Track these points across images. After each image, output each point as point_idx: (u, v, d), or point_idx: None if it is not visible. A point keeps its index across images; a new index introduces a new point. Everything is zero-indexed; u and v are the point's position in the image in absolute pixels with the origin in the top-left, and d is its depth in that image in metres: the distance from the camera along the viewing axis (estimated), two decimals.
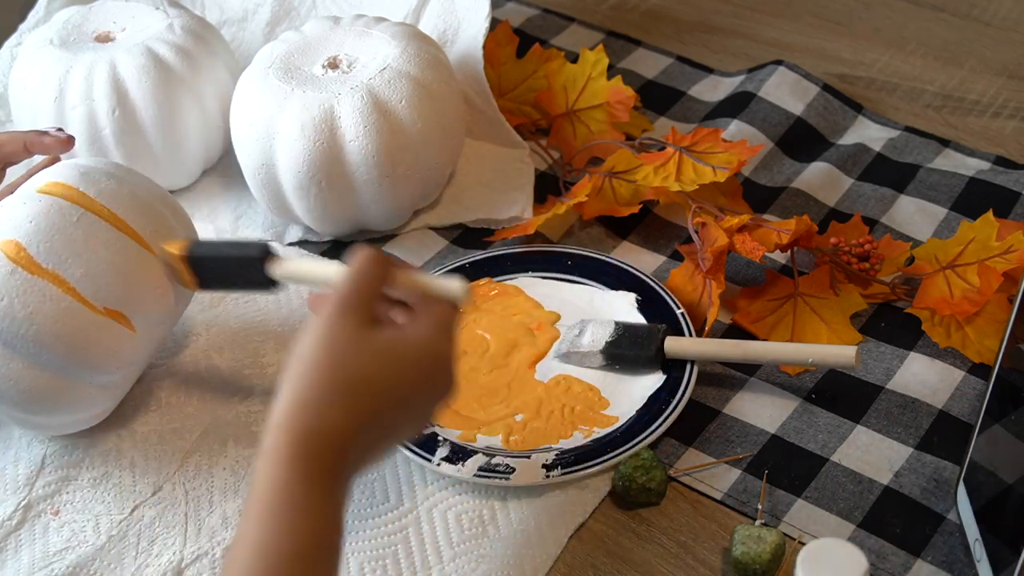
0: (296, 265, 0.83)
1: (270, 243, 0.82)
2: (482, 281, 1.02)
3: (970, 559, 0.80)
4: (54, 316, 0.84)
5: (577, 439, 0.90)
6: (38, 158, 0.96)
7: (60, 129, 0.96)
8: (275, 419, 0.68)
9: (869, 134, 1.15)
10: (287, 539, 0.64)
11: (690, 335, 0.95)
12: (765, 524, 0.83)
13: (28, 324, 0.83)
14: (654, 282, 0.99)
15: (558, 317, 0.99)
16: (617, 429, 0.90)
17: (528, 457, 0.88)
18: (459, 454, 0.89)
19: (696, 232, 0.99)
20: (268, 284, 0.82)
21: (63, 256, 0.84)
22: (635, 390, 0.93)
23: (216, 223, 1.11)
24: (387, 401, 0.70)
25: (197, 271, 0.86)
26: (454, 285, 0.74)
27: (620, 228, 1.07)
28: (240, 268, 0.83)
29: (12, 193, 0.88)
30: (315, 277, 0.81)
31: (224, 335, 1.01)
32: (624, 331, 0.94)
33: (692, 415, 0.91)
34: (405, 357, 0.71)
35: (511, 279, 1.02)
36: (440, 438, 0.90)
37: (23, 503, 0.89)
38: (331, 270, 0.77)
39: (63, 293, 0.84)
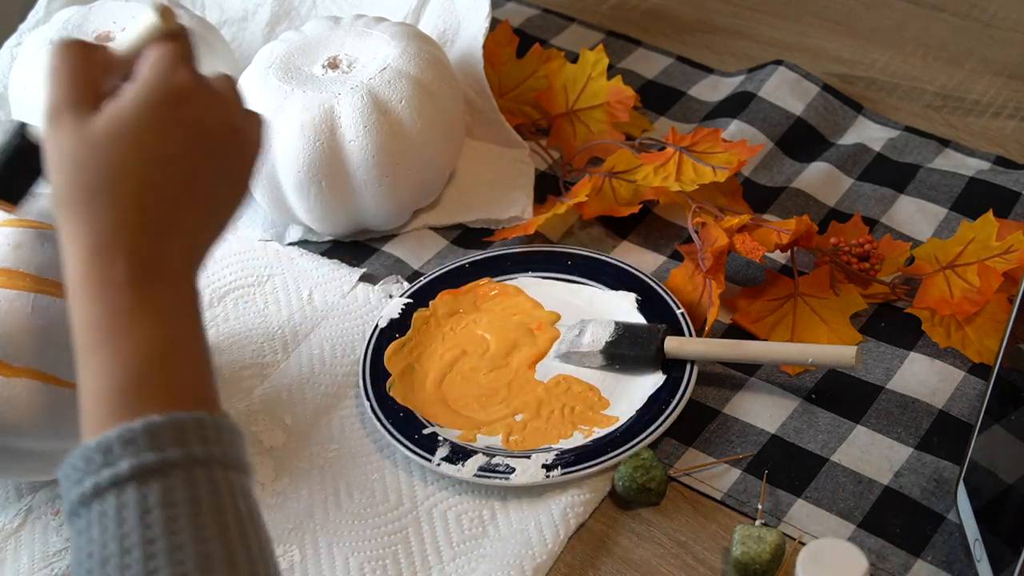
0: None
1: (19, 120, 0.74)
2: (482, 281, 1.02)
3: (970, 559, 0.80)
4: (41, 407, 0.81)
5: (577, 439, 0.90)
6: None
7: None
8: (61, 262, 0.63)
9: (869, 134, 1.15)
10: (117, 373, 0.60)
11: (690, 335, 0.95)
12: (765, 524, 0.83)
13: (15, 427, 0.80)
14: (654, 282, 0.99)
15: (558, 317, 0.99)
16: (617, 429, 0.90)
17: (528, 457, 0.88)
18: (459, 454, 0.89)
19: (696, 232, 0.99)
20: (36, 152, 0.71)
21: (32, 351, 0.81)
22: (635, 390, 0.93)
23: None
24: (150, 177, 0.63)
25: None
26: (148, 14, 0.67)
27: (620, 228, 1.07)
28: (16, 157, 0.74)
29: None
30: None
31: (224, 335, 1.01)
32: (624, 331, 0.94)
33: (692, 415, 0.91)
34: (135, 121, 0.63)
35: (511, 279, 1.02)
36: (440, 438, 0.90)
37: (25, 507, 0.89)
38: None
39: (44, 384, 0.81)
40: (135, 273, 0.62)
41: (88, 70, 0.65)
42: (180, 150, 0.64)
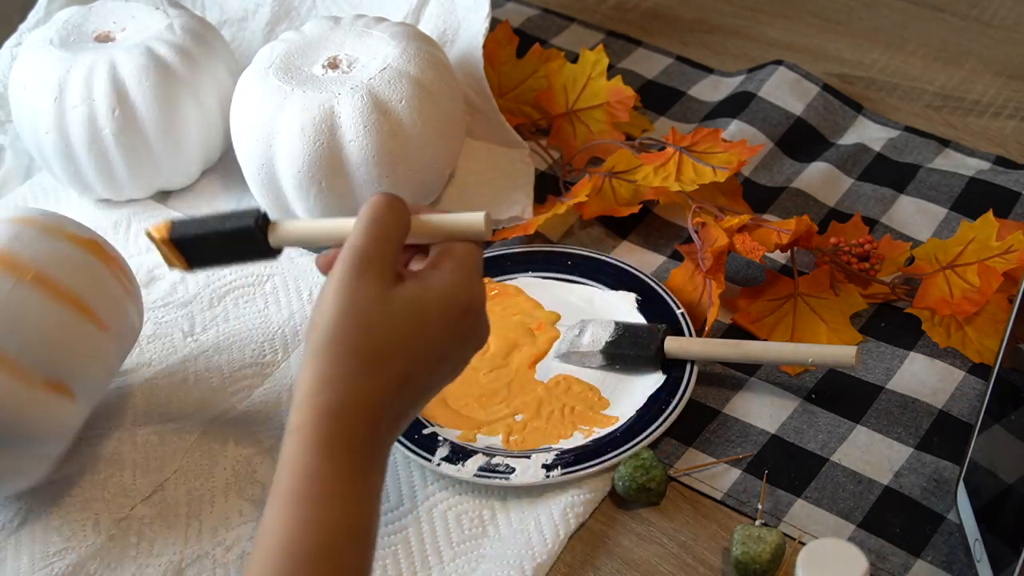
0: (299, 225, 0.74)
1: (261, 209, 0.75)
2: None
3: (970, 559, 0.80)
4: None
5: (577, 439, 0.90)
6: None
7: None
8: (298, 398, 0.63)
9: (869, 134, 1.15)
10: (312, 532, 0.60)
11: (690, 335, 0.95)
12: (765, 524, 0.83)
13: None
14: (654, 282, 0.99)
15: (558, 317, 0.99)
16: (617, 429, 0.90)
17: (528, 457, 0.88)
18: (459, 454, 0.89)
19: (696, 232, 0.99)
20: (269, 253, 0.74)
21: None
22: (635, 390, 0.93)
23: None
24: (418, 362, 0.65)
25: (186, 251, 0.77)
26: (474, 218, 0.68)
27: (620, 228, 1.07)
28: (235, 241, 0.75)
29: None
30: (323, 236, 0.73)
31: (224, 335, 1.01)
32: (624, 331, 0.94)
33: (692, 415, 0.91)
34: (431, 311, 0.65)
35: (511, 279, 1.02)
36: (440, 438, 0.90)
37: (25, 506, 0.89)
38: (340, 225, 0.70)
39: None
40: (368, 444, 0.63)
41: (402, 238, 0.68)
42: (449, 350, 0.68)
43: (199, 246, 0.77)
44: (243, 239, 0.74)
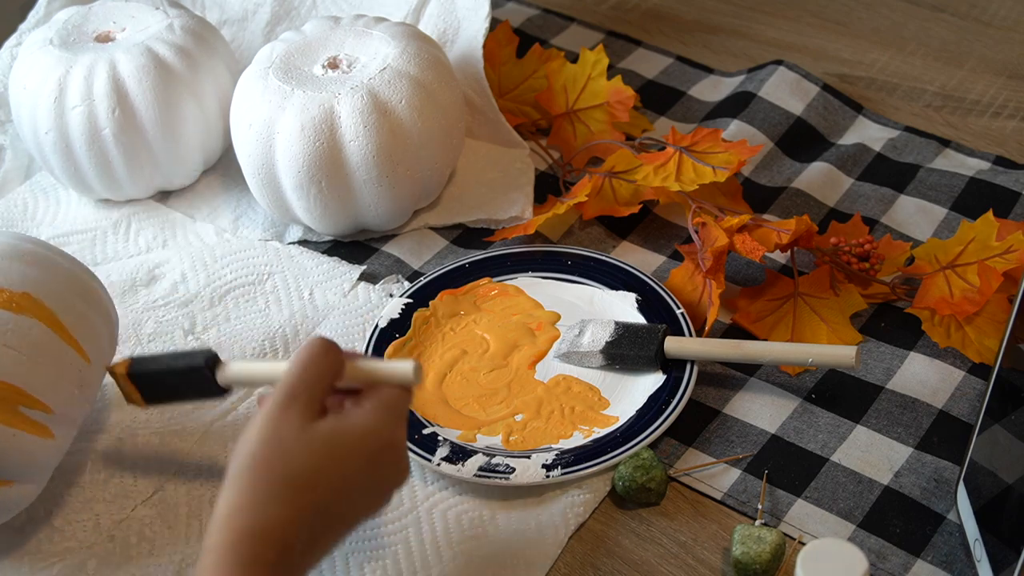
0: (244, 367, 0.81)
1: (212, 350, 0.80)
2: (482, 281, 1.02)
3: (970, 559, 0.80)
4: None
5: (577, 439, 0.90)
6: None
7: None
8: (216, 518, 0.67)
9: (869, 134, 1.15)
10: None
11: (690, 335, 0.95)
12: (765, 524, 0.83)
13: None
14: (654, 282, 0.99)
15: (558, 317, 0.99)
16: (617, 429, 0.90)
17: (528, 457, 0.88)
18: (459, 454, 0.89)
19: (696, 232, 0.99)
20: (218, 391, 0.80)
21: None
22: (635, 390, 0.93)
23: (216, 223, 1.11)
24: (332, 492, 0.69)
25: (143, 387, 0.83)
26: (403, 367, 0.73)
27: (620, 228, 1.07)
28: (187, 379, 0.81)
29: None
30: (264, 377, 0.79)
31: (225, 334, 1.01)
32: (624, 331, 0.94)
33: (692, 415, 0.91)
34: (347, 446, 0.70)
35: (511, 279, 1.02)
36: (440, 438, 0.90)
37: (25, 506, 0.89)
38: (281, 368, 0.75)
39: None
40: (280, 567, 0.66)
41: (330, 378, 0.72)
42: (365, 483, 0.70)
43: (154, 382, 0.83)
44: (193, 377, 0.80)
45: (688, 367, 0.92)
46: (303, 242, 1.08)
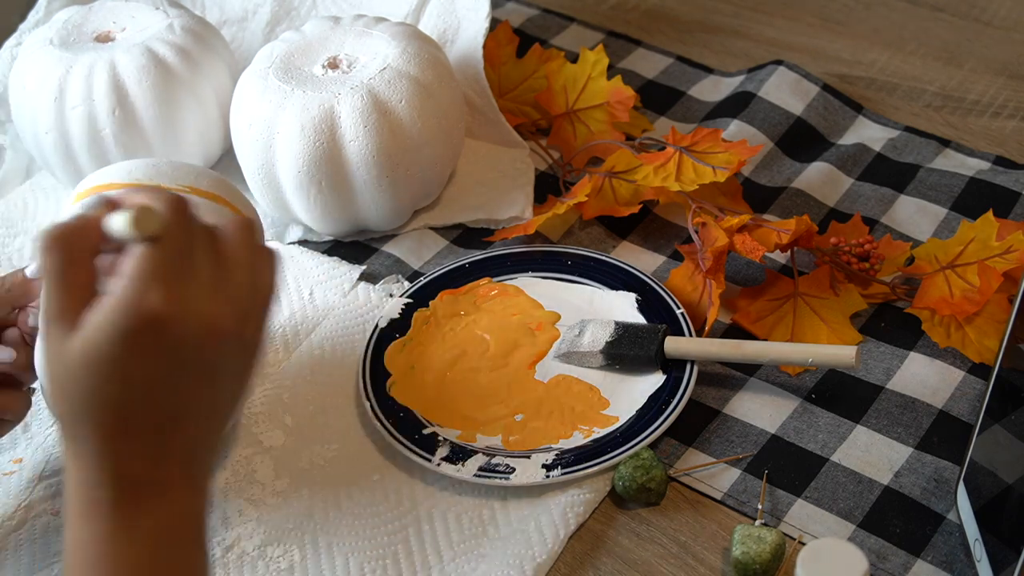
0: None
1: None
2: (482, 281, 1.02)
3: (970, 559, 0.80)
4: None
5: (577, 439, 0.90)
6: None
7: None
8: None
9: (869, 134, 1.15)
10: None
11: (690, 335, 0.95)
12: (765, 524, 0.83)
13: None
14: (654, 282, 0.99)
15: (558, 317, 0.99)
16: (617, 429, 0.90)
17: (528, 457, 0.88)
18: (459, 454, 0.89)
19: (696, 232, 1.00)
20: None
21: None
22: (635, 390, 0.93)
23: None
24: (134, 399, 0.59)
25: None
26: (119, 218, 0.60)
27: (620, 228, 1.07)
28: None
29: None
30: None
31: None
32: (624, 331, 0.94)
33: (692, 415, 0.91)
34: (111, 347, 0.58)
35: (511, 279, 1.02)
36: (440, 438, 0.90)
37: (24, 503, 0.89)
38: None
39: None
40: (121, 499, 0.60)
41: (75, 271, 0.60)
42: (164, 374, 0.60)
43: None
44: None
45: (688, 367, 0.92)
46: (303, 242, 1.08)
